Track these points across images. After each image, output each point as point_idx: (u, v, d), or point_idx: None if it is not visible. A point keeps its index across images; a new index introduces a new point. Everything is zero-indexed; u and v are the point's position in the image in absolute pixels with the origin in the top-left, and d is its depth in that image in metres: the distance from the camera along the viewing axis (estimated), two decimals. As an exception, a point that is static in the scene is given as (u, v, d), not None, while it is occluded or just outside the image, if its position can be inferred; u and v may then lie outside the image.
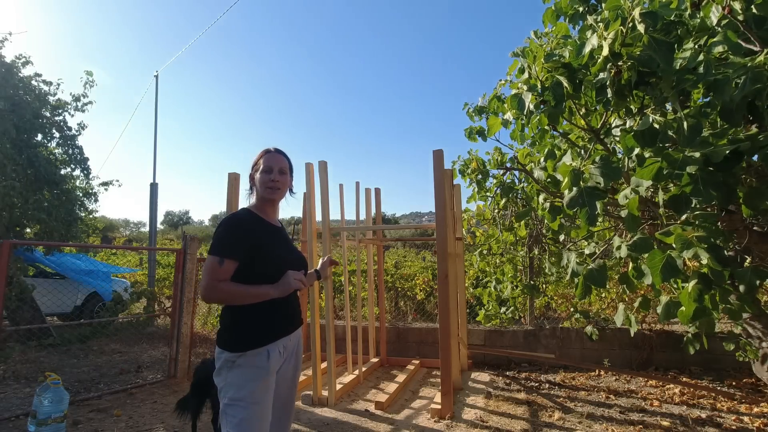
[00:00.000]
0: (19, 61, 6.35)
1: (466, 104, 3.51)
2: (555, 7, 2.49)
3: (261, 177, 1.71)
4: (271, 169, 1.71)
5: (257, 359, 1.57)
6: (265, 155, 1.75)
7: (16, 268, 5.58)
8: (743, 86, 1.45)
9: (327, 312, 3.82)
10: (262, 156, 1.75)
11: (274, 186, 1.71)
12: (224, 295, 1.56)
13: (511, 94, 2.27)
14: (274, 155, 1.75)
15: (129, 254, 13.42)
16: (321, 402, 3.77)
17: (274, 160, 1.73)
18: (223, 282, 1.55)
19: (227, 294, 1.56)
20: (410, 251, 17.14)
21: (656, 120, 1.71)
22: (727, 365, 4.41)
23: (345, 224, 4.91)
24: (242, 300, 1.58)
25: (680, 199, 1.69)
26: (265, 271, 1.62)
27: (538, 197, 2.72)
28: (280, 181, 1.72)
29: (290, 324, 1.73)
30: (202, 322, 7.01)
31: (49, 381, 2.99)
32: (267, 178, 1.71)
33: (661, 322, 4.84)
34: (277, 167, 1.72)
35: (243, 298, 1.58)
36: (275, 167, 1.72)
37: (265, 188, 1.71)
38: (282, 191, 1.76)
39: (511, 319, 5.30)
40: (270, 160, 1.73)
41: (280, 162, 1.75)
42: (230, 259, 1.55)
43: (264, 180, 1.71)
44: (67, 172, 7.27)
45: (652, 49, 1.65)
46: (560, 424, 3.27)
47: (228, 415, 1.54)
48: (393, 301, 6.95)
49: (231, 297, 1.57)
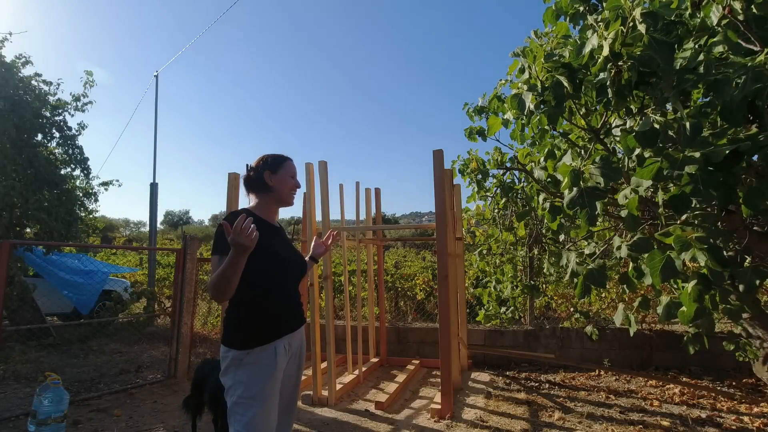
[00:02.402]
0: (19, 61, 6.36)
1: (466, 104, 3.50)
2: (555, 6, 2.49)
3: (288, 182, 1.80)
4: (294, 175, 1.84)
5: (264, 356, 1.58)
6: (289, 161, 1.84)
7: (16, 268, 5.59)
8: (743, 86, 1.45)
9: (327, 312, 3.82)
10: (286, 161, 1.83)
11: (295, 193, 1.84)
12: (213, 287, 1.50)
13: (511, 94, 2.27)
14: (294, 164, 1.87)
15: (129, 254, 13.43)
16: (321, 402, 3.77)
17: (294, 168, 1.86)
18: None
19: (213, 285, 1.49)
20: (410, 251, 17.15)
21: (656, 120, 1.71)
22: (727, 365, 4.40)
23: (345, 224, 4.91)
24: (225, 279, 1.47)
25: (680, 199, 1.68)
26: (263, 270, 1.63)
27: (538, 197, 2.72)
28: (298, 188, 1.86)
29: (294, 321, 1.75)
30: (202, 322, 7.02)
31: (49, 381, 2.99)
32: (293, 183, 1.82)
33: (661, 322, 4.84)
34: (296, 175, 1.87)
35: (222, 276, 1.47)
36: (296, 175, 1.86)
37: (289, 193, 1.82)
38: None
39: (511, 319, 5.29)
40: (293, 168, 1.84)
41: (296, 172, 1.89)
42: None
43: (291, 185, 1.81)
44: (67, 172, 7.27)
45: (652, 49, 1.64)
46: (560, 424, 3.27)
47: (236, 413, 1.54)
48: (393, 301, 6.94)
49: (217, 283, 1.48)
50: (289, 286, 1.75)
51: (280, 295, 1.69)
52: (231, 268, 1.45)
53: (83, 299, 6.61)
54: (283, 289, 1.70)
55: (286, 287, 1.72)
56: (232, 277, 1.47)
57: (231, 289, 1.50)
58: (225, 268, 1.45)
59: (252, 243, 1.41)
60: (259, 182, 1.76)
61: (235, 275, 1.47)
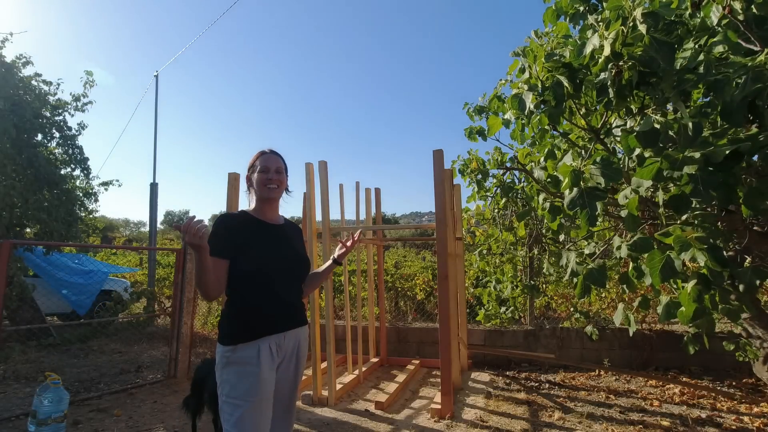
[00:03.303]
0: (20, 61, 6.35)
1: (466, 104, 3.50)
2: (555, 6, 2.49)
3: (259, 177, 1.76)
4: (267, 168, 1.76)
5: (247, 354, 1.58)
6: (261, 156, 1.80)
7: (16, 268, 5.58)
8: (744, 86, 1.45)
9: (327, 312, 3.82)
10: (258, 157, 1.80)
11: (271, 184, 1.75)
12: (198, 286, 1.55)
13: (511, 93, 2.27)
14: (269, 156, 1.80)
15: (129, 254, 13.43)
16: (321, 402, 3.78)
17: (270, 161, 1.78)
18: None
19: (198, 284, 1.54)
20: (410, 251, 17.14)
21: (657, 120, 1.71)
22: (727, 365, 4.40)
23: (345, 224, 4.91)
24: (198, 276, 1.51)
25: (680, 199, 1.69)
26: (245, 270, 1.63)
27: (538, 197, 2.72)
28: (277, 180, 1.77)
29: (285, 322, 1.71)
30: (202, 322, 7.02)
31: (49, 381, 2.99)
32: (264, 177, 1.75)
33: (661, 322, 4.84)
34: (273, 167, 1.77)
35: (196, 274, 1.52)
36: (272, 167, 1.77)
37: (263, 187, 1.75)
38: (280, 189, 1.79)
39: (511, 319, 5.30)
40: (266, 161, 1.78)
41: (276, 162, 1.79)
42: (217, 257, 1.58)
43: (262, 179, 1.75)
44: (67, 172, 7.27)
45: (653, 49, 1.64)
46: (560, 424, 3.27)
47: (225, 413, 1.56)
48: (393, 301, 6.94)
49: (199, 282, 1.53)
50: (282, 286, 1.72)
51: (268, 294, 1.67)
52: (197, 266, 1.49)
53: (80, 299, 6.63)
54: (271, 289, 1.68)
55: (276, 287, 1.69)
56: (203, 275, 1.49)
57: (209, 286, 1.53)
58: (195, 266, 1.50)
59: (200, 240, 1.40)
60: (247, 183, 1.83)
61: (205, 273, 1.49)
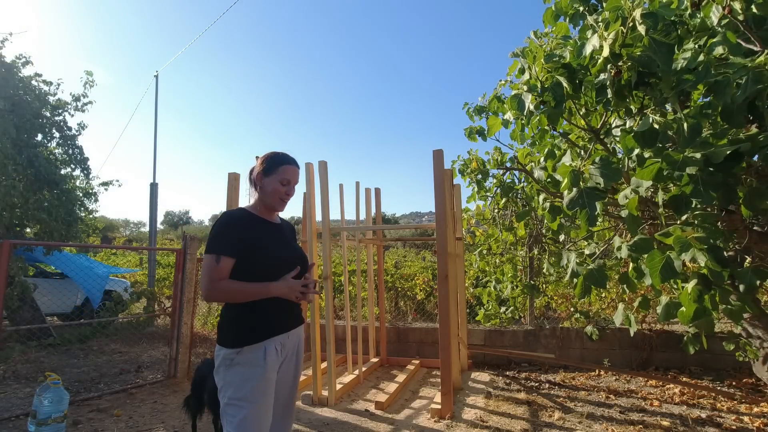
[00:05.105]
0: (20, 61, 6.35)
1: (466, 104, 3.50)
2: (555, 7, 2.49)
3: (276, 187, 1.70)
4: (288, 182, 1.72)
5: (254, 356, 1.57)
6: (285, 165, 1.72)
7: (17, 268, 5.58)
8: (745, 88, 1.45)
9: (327, 312, 3.82)
10: (282, 165, 1.72)
11: (287, 199, 1.73)
12: (224, 294, 1.58)
13: (511, 94, 2.27)
14: (293, 168, 1.74)
15: (129, 254, 13.44)
16: (321, 402, 3.78)
17: (292, 173, 1.73)
18: (223, 280, 1.56)
19: (227, 293, 1.58)
20: (410, 251, 17.15)
21: (656, 120, 1.71)
22: (727, 365, 4.41)
23: (345, 224, 4.91)
24: (242, 297, 1.59)
25: (680, 199, 1.69)
26: (263, 270, 1.63)
27: (538, 197, 2.72)
28: (291, 195, 1.75)
29: (289, 321, 1.72)
30: (202, 322, 7.02)
31: (49, 381, 2.99)
32: (283, 190, 1.71)
33: (661, 322, 4.84)
34: (293, 181, 1.74)
35: (243, 295, 1.59)
36: (292, 181, 1.73)
37: (277, 200, 1.72)
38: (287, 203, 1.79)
39: (511, 318, 5.30)
40: (289, 173, 1.72)
41: (296, 176, 1.76)
42: (226, 256, 1.56)
43: (279, 191, 1.71)
44: (67, 172, 7.28)
45: (652, 50, 1.65)
46: (560, 424, 3.27)
47: (228, 414, 1.54)
48: (393, 301, 6.94)
49: (231, 295, 1.59)
50: None
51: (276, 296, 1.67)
52: (256, 293, 1.59)
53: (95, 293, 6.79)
54: None
55: None
56: (248, 299, 1.60)
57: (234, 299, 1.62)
58: (252, 291, 1.59)
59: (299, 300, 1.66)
60: (257, 181, 1.75)
61: (245, 297, 1.60)
